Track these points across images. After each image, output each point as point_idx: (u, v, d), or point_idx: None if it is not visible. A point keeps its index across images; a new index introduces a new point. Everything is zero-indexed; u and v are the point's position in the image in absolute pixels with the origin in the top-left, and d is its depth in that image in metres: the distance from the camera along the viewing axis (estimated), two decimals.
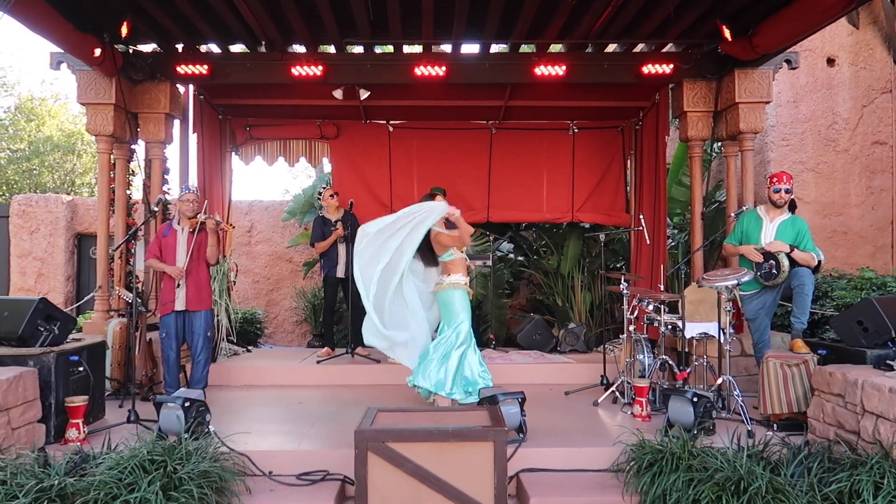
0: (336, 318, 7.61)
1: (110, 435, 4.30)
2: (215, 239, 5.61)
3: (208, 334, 5.66)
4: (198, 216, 5.57)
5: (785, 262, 5.12)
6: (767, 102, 6.51)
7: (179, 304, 5.51)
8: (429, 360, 5.10)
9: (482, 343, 7.72)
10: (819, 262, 5.19)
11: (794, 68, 6.70)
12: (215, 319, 7.02)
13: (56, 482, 3.42)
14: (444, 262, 5.31)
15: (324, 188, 7.44)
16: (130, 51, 6.39)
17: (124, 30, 5.78)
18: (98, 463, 3.66)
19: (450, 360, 5.08)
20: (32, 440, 4.19)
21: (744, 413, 4.67)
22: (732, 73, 6.37)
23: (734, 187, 6.75)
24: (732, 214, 6.09)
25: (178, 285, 5.49)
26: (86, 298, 8.37)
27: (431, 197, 5.62)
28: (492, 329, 7.99)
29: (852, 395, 3.92)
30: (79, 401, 4.42)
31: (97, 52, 5.75)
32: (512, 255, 9.32)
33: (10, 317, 4.64)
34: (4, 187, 14.23)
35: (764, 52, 5.91)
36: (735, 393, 4.87)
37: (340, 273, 7.00)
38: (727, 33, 5.89)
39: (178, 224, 5.61)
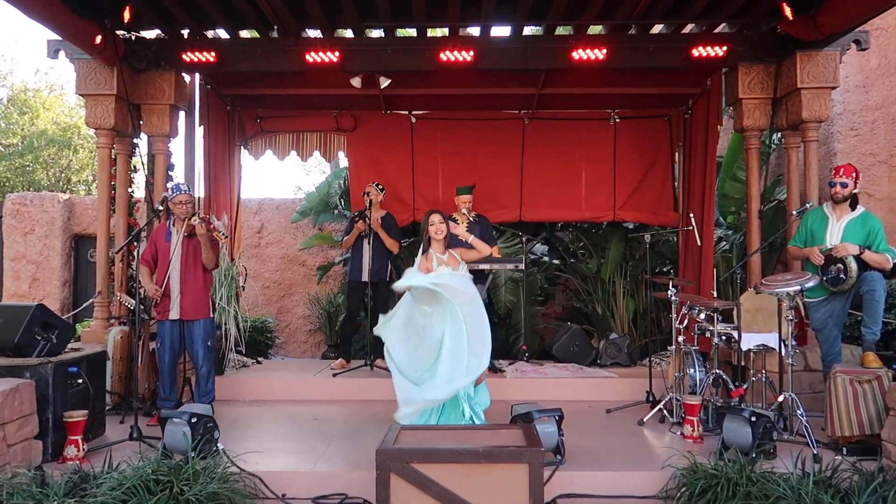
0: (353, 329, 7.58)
1: (111, 453, 4.36)
2: (208, 244, 5.56)
3: (209, 344, 5.68)
4: (191, 219, 5.53)
5: (853, 265, 5.04)
6: (833, 88, 6.43)
7: (174, 313, 5.55)
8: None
9: (513, 354, 7.75)
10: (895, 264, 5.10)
11: (863, 49, 6.58)
12: (223, 328, 7.09)
13: (55, 503, 3.49)
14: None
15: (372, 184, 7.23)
16: (133, 37, 6.50)
17: (127, 15, 5.89)
18: (99, 483, 3.73)
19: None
20: (29, 458, 4.27)
21: (809, 435, 4.61)
22: (794, 55, 6.28)
23: (796, 182, 6.65)
24: (794, 213, 6.01)
25: (156, 303, 5.54)
26: (84, 305, 8.47)
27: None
28: (524, 339, 7.96)
29: None
30: (78, 416, 4.49)
31: (98, 39, 5.84)
32: (546, 258, 9.28)
33: (6, 324, 4.74)
34: None
35: (829, 32, 5.83)
36: (798, 412, 4.81)
37: (365, 276, 6.96)
38: (788, 11, 5.82)
39: (174, 226, 5.63)
